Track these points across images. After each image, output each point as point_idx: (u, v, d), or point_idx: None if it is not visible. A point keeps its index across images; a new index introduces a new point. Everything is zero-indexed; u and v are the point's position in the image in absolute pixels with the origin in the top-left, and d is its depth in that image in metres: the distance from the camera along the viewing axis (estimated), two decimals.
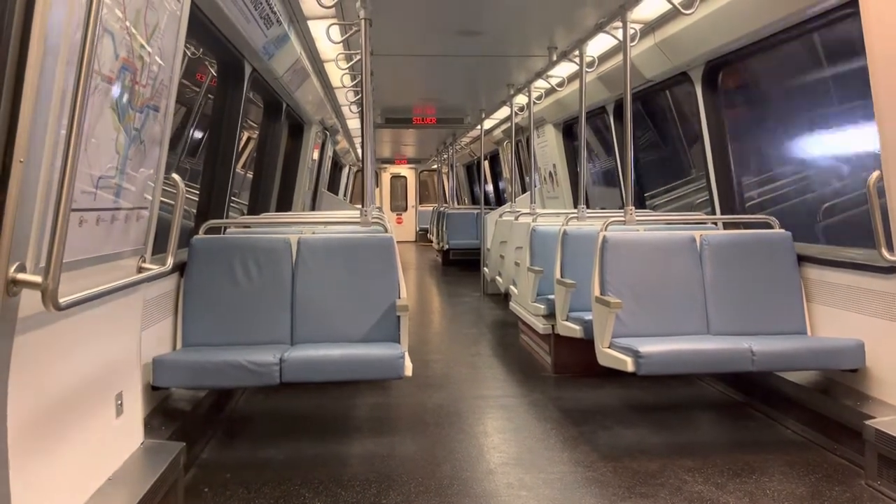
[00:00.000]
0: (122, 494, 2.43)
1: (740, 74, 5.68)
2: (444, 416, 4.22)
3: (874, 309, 3.60)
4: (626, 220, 4.46)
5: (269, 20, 4.46)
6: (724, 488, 3.14)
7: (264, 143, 6.99)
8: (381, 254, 4.07)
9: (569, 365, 5.17)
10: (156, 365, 3.27)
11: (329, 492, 3.14)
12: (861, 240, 3.84)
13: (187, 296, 3.83)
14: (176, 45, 2.67)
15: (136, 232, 2.59)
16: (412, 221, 22.98)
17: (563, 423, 4.06)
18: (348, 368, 3.45)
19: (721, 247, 4.30)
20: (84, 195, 2.06)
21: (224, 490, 3.16)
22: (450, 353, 6.16)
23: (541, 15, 5.23)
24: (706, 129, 5.33)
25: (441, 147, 16.88)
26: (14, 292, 1.80)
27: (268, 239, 4.07)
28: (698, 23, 4.62)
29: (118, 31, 2.11)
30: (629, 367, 3.58)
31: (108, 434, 2.56)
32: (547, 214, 7.10)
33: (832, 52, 4.85)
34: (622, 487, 3.15)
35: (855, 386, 3.69)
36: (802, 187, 5.63)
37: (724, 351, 3.62)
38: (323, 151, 10.42)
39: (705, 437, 3.92)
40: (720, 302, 4.19)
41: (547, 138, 9.61)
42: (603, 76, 6.60)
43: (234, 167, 5.11)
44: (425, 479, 3.28)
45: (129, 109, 2.31)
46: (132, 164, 2.41)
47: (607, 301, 3.86)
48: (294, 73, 5.94)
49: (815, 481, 3.22)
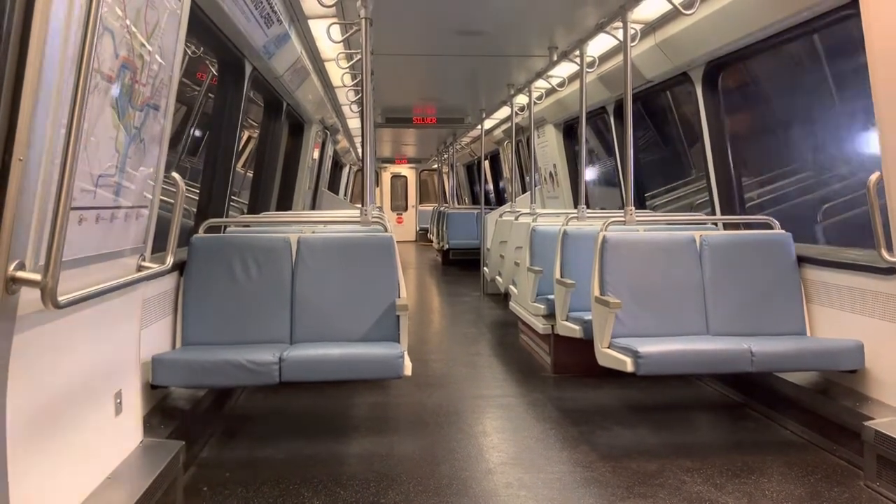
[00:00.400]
0: (120, 493, 2.43)
1: (741, 75, 5.68)
2: (444, 416, 4.22)
3: (874, 310, 3.60)
4: (626, 221, 4.45)
5: (270, 19, 4.46)
6: (722, 489, 3.14)
7: (264, 142, 6.99)
8: (380, 253, 4.07)
9: (568, 365, 5.17)
10: (155, 363, 3.27)
11: (328, 491, 3.14)
12: (861, 241, 3.84)
13: (187, 294, 3.83)
14: (176, 43, 2.67)
15: (135, 230, 2.59)
16: (412, 221, 22.98)
17: (563, 423, 4.06)
18: (348, 368, 3.45)
19: (721, 247, 4.30)
20: (84, 193, 2.06)
21: (223, 489, 3.16)
22: (449, 352, 6.16)
23: (541, 15, 5.23)
24: (706, 129, 5.33)
25: (441, 147, 16.88)
26: (13, 290, 1.80)
27: (268, 238, 4.07)
28: (699, 23, 4.62)
29: (118, 29, 2.11)
30: (629, 367, 3.58)
31: (107, 432, 2.56)
32: (547, 214, 7.10)
33: (833, 53, 4.85)
34: (621, 487, 3.15)
35: (854, 387, 3.69)
36: (802, 188, 5.63)
37: (724, 351, 3.62)
38: (323, 151, 10.42)
39: (704, 438, 3.92)
40: (720, 302, 4.19)
41: (547, 138, 9.60)
42: (603, 76, 6.60)
43: (235, 166, 5.11)
44: (424, 478, 3.28)
45: (129, 108, 2.31)
46: (132, 162, 2.41)
47: (607, 301, 3.86)
48: (294, 72, 5.93)
49: (813, 482, 3.22)
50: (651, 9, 4.81)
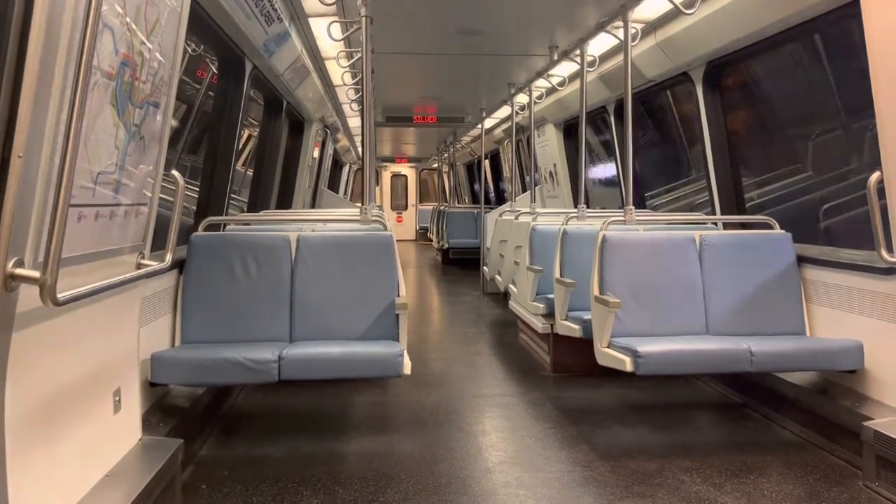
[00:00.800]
0: (119, 491, 2.43)
1: (741, 74, 5.67)
2: (443, 415, 4.22)
3: (873, 310, 3.60)
4: (626, 220, 4.45)
5: (270, 17, 4.45)
6: (721, 488, 3.14)
7: (264, 140, 6.98)
8: (380, 252, 4.07)
9: (568, 364, 5.17)
10: (154, 361, 3.26)
11: (327, 489, 3.14)
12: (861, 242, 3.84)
13: (186, 292, 3.83)
14: (176, 41, 2.66)
15: (135, 228, 2.59)
16: (412, 220, 22.98)
17: (562, 423, 4.06)
18: (347, 366, 3.45)
19: (721, 247, 4.30)
20: (83, 191, 2.06)
21: (222, 487, 3.16)
22: (449, 351, 6.16)
23: (542, 14, 5.22)
24: (707, 129, 5.33)
25: (441, 146, 16.87)
26: (12, 287, 1.80)
27: (267, 236, 4.06)
28: (699, 23, 4.62)
29: (118, 26, 2.11)
30: (628, 366, 3.58)
31: (105, 430, 2.55)
32: (547, 214, 7.10)
33: (833, 52, 4.84)
34: (620, 487, 3.16)
35: (853, 387, 3.69)
36: (802, 188, 5.63)
37: (723, 351, 3.62)
38: (323, 149, 10.42)
39: (703, 438, 3.92)
40: (719, 302, 4.19)
41: (547, 137, 9.60)
42: (604, 76, 6.60)
43: (234, 164, 5.11)
44: (423, 477, 3.28)
45: (129, 105, 2.30)
46: (131, 160, 2.41)
47: (606, 300, 3.86)
48: (295, 70, 5.93)
49: (812, 482, 3.22)
50: (652, 8, 4.81)
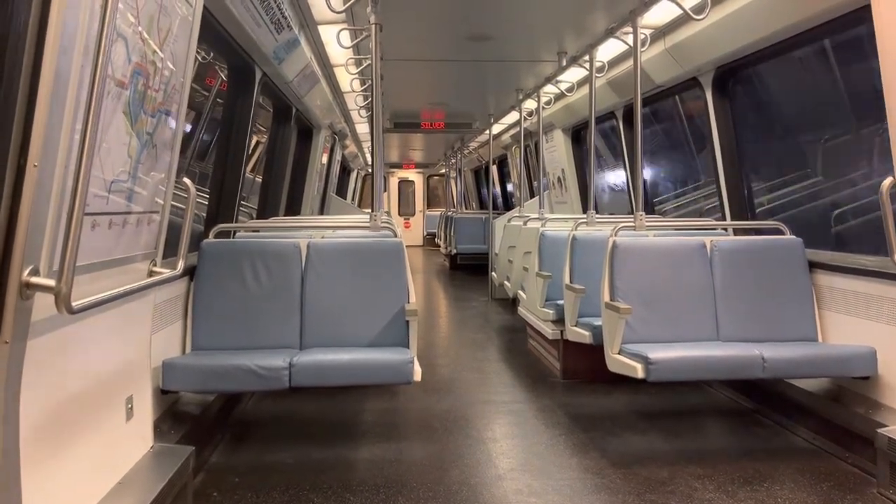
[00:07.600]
0: (131, 498, 2.43)
1: (751, 80, 5.65)
2: (452, 422, 4.21)
3: (886, 316, 3.57)
4: (636, 226, 4.43)
5: (280, 25, 4.47)
6: (734, 496, 3.11)
7: (274, 147, 7.01)
8: (390, 259, 4.07)
9: (578, 371, 5.15)
10: (165, 368, 3.27)
11: (338, 496, 3.14)
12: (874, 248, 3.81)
13: (197, 299, 3.84)
14: (188, 50, 2.68)
15: (147, 236, 2.60)
16: (420, 226, 22.99)
17: (572, 430, 4.05)
18: (357, 373, 3.45)
19: (731, 253, 4.28)
20: (97, 199, 2.07)
21: (233, 494, 3.16)
22: (457, 357, 6.15)
23: (551, 20, 5.23)
24: (716, 134, 5.31)
25: (449, 152, 16.88)
26: (27, 296, 1.81)
27: (277, 243, 4.08)
28: (709, 28, 4.61)
29: (131, 36, 2.13)
30: (639, 373, 3.57)
31: (118, 437, 2.56)
32: (556, 219, 7.09)
33: (843, 57, 4.82)
34: (632, 494, 3.14)
35: (866, 393, 3.66)
36: (813, 193, 5.60)
37: (735, 357, 3.60)
38: (332, 156, 10.44)
39: (715, 445, 3.90)
40: (731, 308, 4.17)
41: (556, 143, 9.59)
42: (612, 81, 6.59)
43: (244, 171, 5.13)
44: (434, 484, 3.27)
45: (142, 114, 2.32)
46: (144, 168, 2.42)
47: (617, 307, 3.85)
48: (304, 77, 5.95)
49: (826, 490, 3.19)
50: (661, 14, 4.81)
